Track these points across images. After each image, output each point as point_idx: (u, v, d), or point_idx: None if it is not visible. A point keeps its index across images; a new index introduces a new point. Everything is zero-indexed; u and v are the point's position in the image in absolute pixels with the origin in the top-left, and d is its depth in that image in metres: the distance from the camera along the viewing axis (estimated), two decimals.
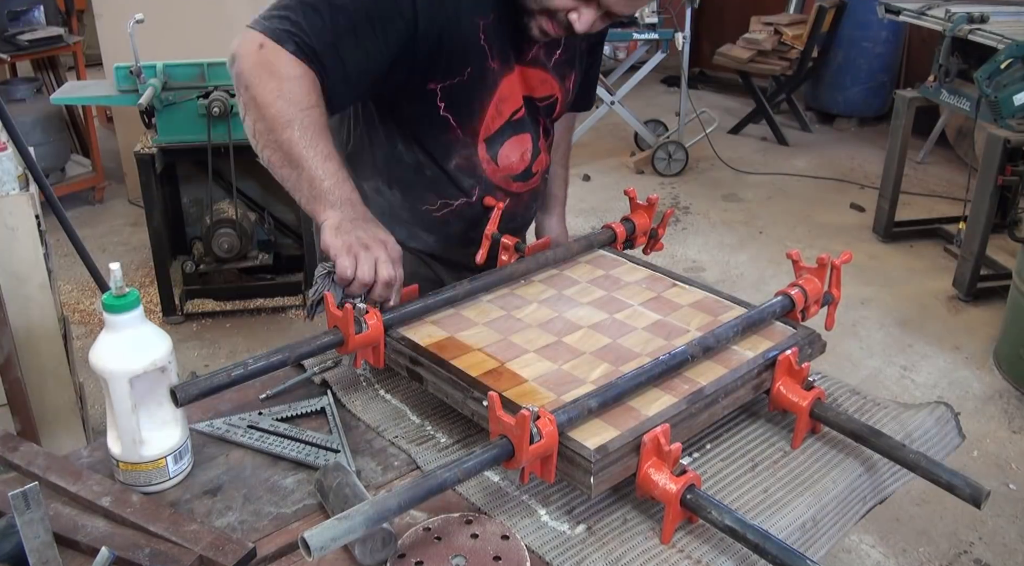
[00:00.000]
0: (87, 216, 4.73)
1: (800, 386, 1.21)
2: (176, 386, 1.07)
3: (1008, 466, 2.86)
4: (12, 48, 4.41)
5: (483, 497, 1.10)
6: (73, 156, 4.97)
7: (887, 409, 1.33)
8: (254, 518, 1.08)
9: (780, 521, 1.10)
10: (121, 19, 3.17)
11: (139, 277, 4.05)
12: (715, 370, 1.20)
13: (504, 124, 1.53)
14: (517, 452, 0.99)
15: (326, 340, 1.21)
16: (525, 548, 1.01)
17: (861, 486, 1.19)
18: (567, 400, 1.10)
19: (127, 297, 1.05)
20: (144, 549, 0.99)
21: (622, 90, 5.30)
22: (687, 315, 1.35)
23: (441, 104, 1.45)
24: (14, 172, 2.19)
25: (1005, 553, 2.50)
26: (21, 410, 2.12)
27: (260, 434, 1.22)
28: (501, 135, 1.54)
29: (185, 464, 1.14)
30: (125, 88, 3.27)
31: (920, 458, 1.12)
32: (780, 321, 1.33)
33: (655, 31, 5.02)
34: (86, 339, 3.41)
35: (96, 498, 1.06)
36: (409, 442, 1.21)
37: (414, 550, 1.00)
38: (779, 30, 5.94)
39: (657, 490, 1.02)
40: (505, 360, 1.21)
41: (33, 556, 0.90)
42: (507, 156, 1.56)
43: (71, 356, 2.51)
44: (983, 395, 3.24)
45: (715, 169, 5.41)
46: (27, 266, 2.23)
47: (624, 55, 7.04)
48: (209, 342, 3.54)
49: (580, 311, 1.35)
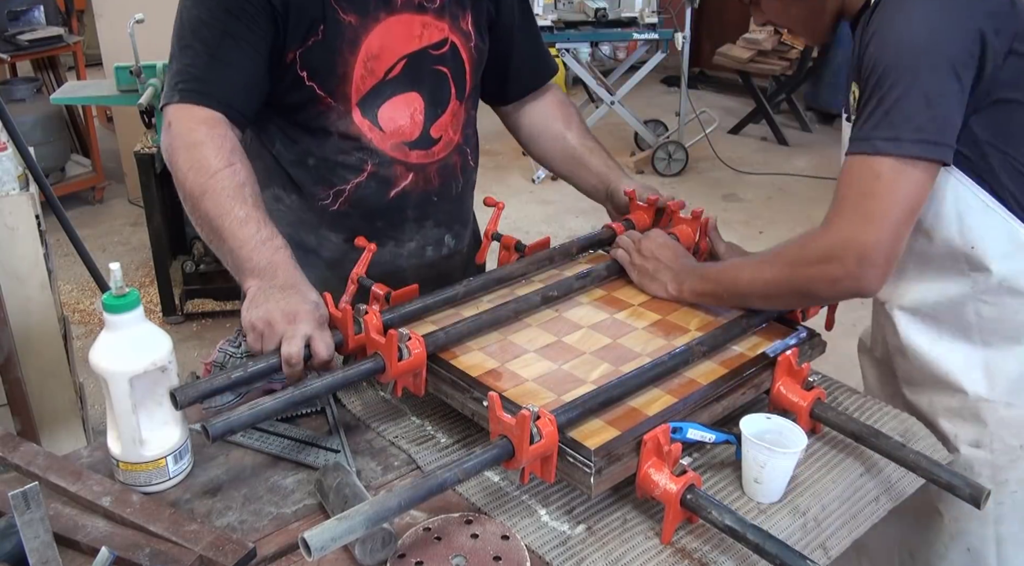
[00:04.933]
0: (87, 216, 4.73)
1: (800, 386, 1.21)
2: (175, 389, 1.06)
3: None
4: (12, 48, 4.41)
5: (483, 497, 1.10)
6: (73, 156, 4.97)
7: (887, 409, 1.33)
8: (254, 518, 1.08)
9: (780, 521, 1.10)
10: (121, 19, 3.17)
11: (139, 277, 4.05)
12: (715, 370, 1.20)
13: (379, 83, 1.41)
14: (517, 452, 0.99)
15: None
16: (525, 548, 1.01)
17: (865, 486, 1.19)
18: (567, 400, 1.10)
19: (127, 297, 1.05)
20: (144, 549, 0.99)
21: (622, 90, 5.30)
22: (687, 315, 1.34)
23: (303, 73, 1.37)
24: (14, 172, 2.19)
25: None
26: (21, 410, 2.12)
27: (260, 434, 1.22)
28: (378, 96, 1.42)
29: (185, 464, 1.14)
30: (125, 88, 3.27)
31: (920, 458, 1.12)
32: (780, 321, 1.33)
33: (655, 31, 5.02)
34: (86, 339, 3.41)
35: (96, 498, 1.05)
36: (409, 442, 1.21)
37: (414, 550, 1.00)
38: (779, 30, 5.94)
39: (657, 490, 1.02)
40: (505, 360, 1.21)
41: (33, 556, 0.90)
42: (391, 119, 1.43)
43: (71, 356, 2.50)
44: None
45: (715, 169, 5.41)
46: (27, 266, 2.23)
47: (624, 55, 7.04)
48: (209, 342, 3.53)
49: (580, 311, 1.35)
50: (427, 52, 1.44)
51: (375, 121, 1.43)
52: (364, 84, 1.40)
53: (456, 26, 1.46)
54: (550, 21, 4.93)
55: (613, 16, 5.00)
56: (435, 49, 1.44)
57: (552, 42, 4.99)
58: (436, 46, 1.45)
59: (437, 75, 1.47)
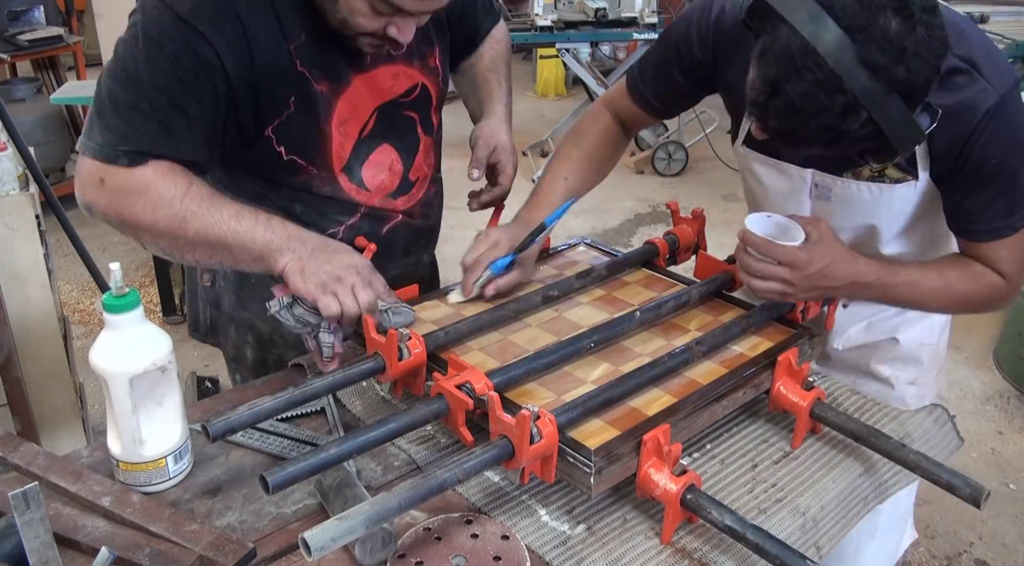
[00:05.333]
0: (87, 216, 4.72)
1: (800, 386, 1.21)
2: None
3: (1008, 466, 2.86)
4: (12, 48, 4.42)
5: (483, 497, 1.10)
6: (73, 156, 4.97)
7: (887, 409, 1.33)
8: (254, 518, 1.07)
9: (780, 521, 1.10)
10: (121, 19, 3.15)
11: (139, 277, 4.05)
12: (715, 370, 1.20)
13: (356, 144, 1.37)
14: (517, 452, 0.99)
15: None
16: (525, 548, 1.01)
17: (861, 486, 1.19)
18: (567, 400, 1.10)
19: (127, 297, 1.05)
20: (144, 549, 0.99)
21: None
22: (687, 315, 1.34)
23: (281, 149, 1.31)
24: (14, 172, 2.19)
25: (1005, 553, 2.50)
26: (21, 410, 2.12)
27: (260, 434, 1.22)
28: (357, 158, 1.38)
29: (185, 464, 1.14)
30: None
31: (920, 458, 1.12)
32: (780, 321, 1.33)
33: (655, 31, 5.02)
34: (86, 339, 3.41)
35: (96, 498, 1.05)
36: (409, 442, 1.21)
37: (414, 550, 1.00)
38: None
39: (657, 490, 1.02)
40: (505, 360, 1.21)
41: (33, 556, 0.90)
42: (374, 177, 1.41)
43: (71, 356, 2.50)
44: (983, 395, 3.24)
45: (715, 169, 5.41)
46: (27, 266, 2.23)
47: (624, 55, 7.03)
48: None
49: (580, 311, 1.35)
50: (397, 101, 1.41)
51: (361, 184, 1.41)
52: (344, 150, 1.37)
53: (425, 67, 1.44)
54: (550, 21, 4.92)
55: (613, 16, 5.01)
56: (404, 97, 1.42)
57: (552, 42, 5.00)
58: (405, 94, 1.42)
59: (406, 121, 1.44)
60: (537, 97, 7.34)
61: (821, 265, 1.19)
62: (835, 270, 1.20)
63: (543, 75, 7.32)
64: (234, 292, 1.51)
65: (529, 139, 5.81)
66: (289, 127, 1.30)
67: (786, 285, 1.20)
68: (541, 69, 7.31)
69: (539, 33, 4.93)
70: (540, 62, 7.28)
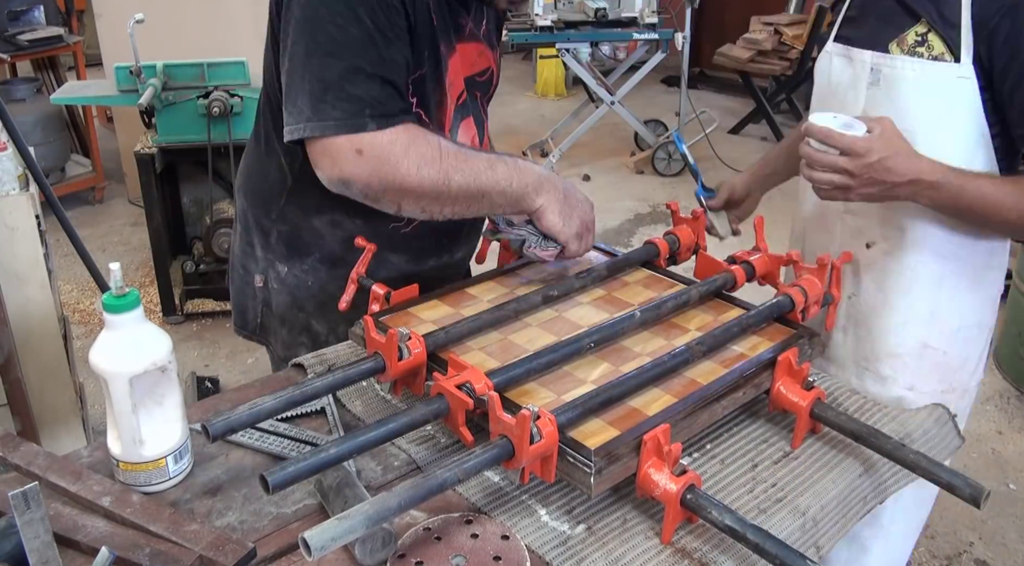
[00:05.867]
0: (87, 216, 4.73)
1: (800, 386, 1.21)
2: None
3: (1008, 466, 2.86)
4: (12, 48, 4.42)
5: (483, 497, 1.10)
6: (73, 156, 4.97)
7: (887, 409, 1.33)
8: (254, 518, 1.08)
9: (780, 521, 1.10)
10: (121, 19, 3.17)
11: (139, 277, 4.05)
12: (715, 370, 1.20)
13: (454, 110, 1.43)
14: (517, 452, 0.99)
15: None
16: (525, 548, 1.01)
17: (861, 486, 1.19)
18: (567, 400, 1.10)
19: (127, 297, 1.05)
20: (144, 549, 0.99)
21: (622, 90, 5.30)
22: (687, 315, 1.34)
23: (414, 99, 1.34)
24: (14, 172, 2.19)
25: (1005, 553, 2.50)
26: (21, 410, 2.12)
27: (260, 434, 1.22)
28: (455, 123, 1.44)
29: (185, 464, 1.14)
30: (125, 88, 3.27)
31: (920, 458, 1.12)
32: (780, 321, 1.33)
33: (655, 31, 5.02)
34: (86, 339, 3.41)
35: (96, 498, 1.05)
36: (409, 442, 1.21)
37: (414, 550, 1.00)
38: (779, 30, 5.94)
39: (657, 490, 1.02)
40: (505, 360, 1.21)
41: (33, 556, 0.90)
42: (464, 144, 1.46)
43: (71, 356, 2.51)
44: (983, 395, 3.24)
45: (715, 169, 5.41)
46: (27, 266, 2.23)
47: (624, 55, 7.04)
48: (209, 342, 3.53)
49: (580, 311, 1.35)
50: (475, 79, 1.47)
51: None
52: (450, 112, 1.42)
53: (495, 54, 1.52)
54: (550, 21, 4.92)
55: (613, 16, 5.01)
56: (480, 76, 1.49)
57: (552, 42, 5.00)
58: (481, 73, 1.49)
59: (477, 101, 1.51)
60: (537, 97, 7.34)
61: (883, 155, 1.17)
62: (897, 164, 1.19)
63: (543, 75, 7.32)
64: (289, 294, 1.52)
65: (529, 139, 5.82)
66: (424, 78, 1.34)
67: (846, 176, 1.19)
68: (541, 69, 7.31)
69: (539, 33, 4.93)
70: (540, 62, 7.28)
